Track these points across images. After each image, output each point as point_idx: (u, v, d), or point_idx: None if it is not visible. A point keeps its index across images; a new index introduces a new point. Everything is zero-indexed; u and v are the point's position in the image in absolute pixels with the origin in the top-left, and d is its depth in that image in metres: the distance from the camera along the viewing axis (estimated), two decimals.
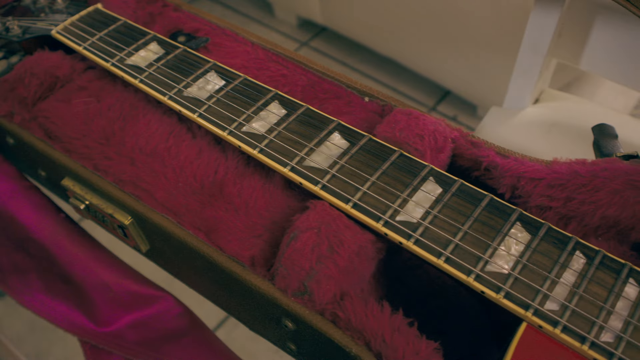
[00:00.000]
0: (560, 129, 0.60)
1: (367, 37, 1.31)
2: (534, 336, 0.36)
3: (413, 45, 1.21)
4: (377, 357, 0.37)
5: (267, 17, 1.53)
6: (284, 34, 1.43)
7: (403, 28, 1.19)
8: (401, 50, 1.25)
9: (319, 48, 1.39)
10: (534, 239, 0.39)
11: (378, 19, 1.26)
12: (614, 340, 0.35)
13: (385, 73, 1.38)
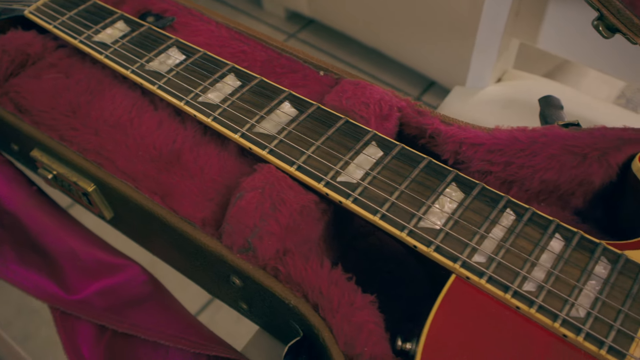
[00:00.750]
0: (518, 105, 0.62)
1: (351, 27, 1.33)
2: (461, 287, 0.38)
3: (392, 32, 1.24)
4: (314, 308, 0.39)
5: (255, 9, 1.55)
6: (272, 26, 1.45)
7: (382, 16, 1.22)
8: (381, 39, 1.28)
9: (306, 40, 1.42)
10: (466, 197, 0.41)
11: (362, 9, 1.28)
12: (536, 290, 0.37)
13: (371, 64, 1.40)
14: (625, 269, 0.38)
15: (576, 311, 0.36)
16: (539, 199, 0.48)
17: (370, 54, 1.35)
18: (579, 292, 0.37)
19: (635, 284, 0.37)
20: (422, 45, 1.18)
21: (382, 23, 1.25)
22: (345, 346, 0.37)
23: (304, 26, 1.43)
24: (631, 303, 0.36)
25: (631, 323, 0.35)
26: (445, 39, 1.15)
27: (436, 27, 1.15)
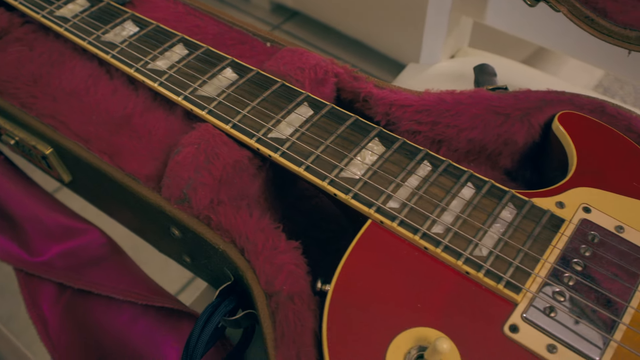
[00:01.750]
0: (467, 79, 0.64)
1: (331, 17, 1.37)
2: (375, 231, 0.40)
3: (359, 16, 1.27)
4: (241, 252, 0.42)
5: (241, 2, 1.58)
6: (257, 17, 1.48)
7: (351, 1, 1.25)
8: (351, 23, 1.31)
9: (290, 31, 1.45)
10: (387, 150, 0.43)
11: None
12: (444, 232, 0.39)
13: (353, 54, 1.43)
14: (530, 213, 0.40)
15: (479, 250, 0.38)
16: (468, 159, 0.50)
17: (350, 45, 1.38)
18: (484, 233, 0.39)
19: (537, 227, 0.39)
20: (383, 26, 1.21)
21: (351, 8, 1.28)
22: (265, 285, 0.40)
23: (288, 18, 1.47)
24: (531, 243, 0.39)
25: (530, 261, 0.38)
26: (402, 18, 1.19)
27: (393, 7, 1.18)
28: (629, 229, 0.40)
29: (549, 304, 0.36)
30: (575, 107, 0.48)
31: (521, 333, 0.36)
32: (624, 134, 0.46)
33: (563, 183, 0.43)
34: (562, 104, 0.48)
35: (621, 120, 0.47)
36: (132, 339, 0.52)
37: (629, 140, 0.46)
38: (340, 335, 0.36)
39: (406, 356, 0.35)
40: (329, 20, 1.38)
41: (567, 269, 0.38)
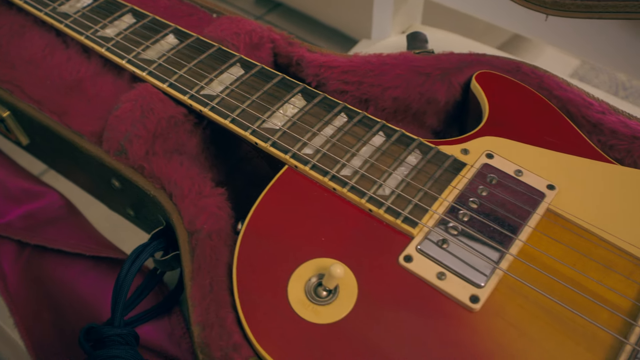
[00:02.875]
0: None
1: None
2: (290, 175, 0.43)
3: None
4: (169, 196, 0.45)
5: None
6: (240, 8, 1.52)
7: None
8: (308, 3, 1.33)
9: (273, 22, 1.48)
10: (308, 104, 0.46)
11: None
12: (351, 174, 0.42)
13: (335, 45, 1.46)
14: (434, 158, 0.43)
15: (382, 190, 0.41)
16: (397, 118, 0.53)
17: (332, 35, 1.41)
18: (389, 175, 0.42)
19: (439, 170, 0.42)
20: (338, 3, 1.23)
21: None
22: (188, 224, 0.43)
23: (270, 9, 1.50)
24: (432, 184, 0.41)
25: (428, 199, 0.41)
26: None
27: None
28: (528, 172, 0.43)
29: (442, 237, 0.39)
30: (493, 67, 0.51)
31: (414, 263, 0.38)
32: (536, 91, 0.49)
33: (471, 133, 0.46)
34: (480, 65, 0.51)
35: (534, 79, 0.49)
36: (82, 291, 0.55)
37: (538, 95, 0.49)
38: (249, 265, 0.39)
39: (307, 283, 0.38)
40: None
41: (463, 207, 0.41)
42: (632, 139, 0.46)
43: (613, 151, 0.46)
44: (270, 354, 0.36)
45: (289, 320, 0.37)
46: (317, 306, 0.37)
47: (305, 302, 0.38)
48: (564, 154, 0.44)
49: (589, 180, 0.43)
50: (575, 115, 0.47)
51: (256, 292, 0.38)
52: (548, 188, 0.42)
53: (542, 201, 0.41)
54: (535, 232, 0.40)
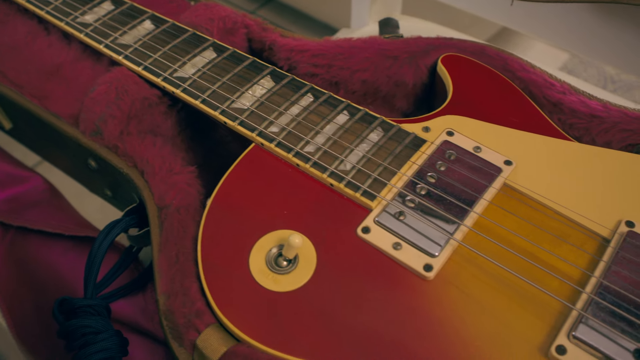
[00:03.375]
0: None
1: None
2: (257, 152, 0.45)
3: None
4: (141, 173, 0.46)
5: None
6: (232, 3, 1.54)
7: None
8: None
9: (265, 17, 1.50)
10: (276, 85, 0.48)
11: None
12: (315, 151, 0.43)
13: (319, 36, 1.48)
14: (396, 135, 0.44)
15: (344, 166, 0.42)
16: (367, 101, 0.55)
17: (323, 30, 1.43)
18: (350, 152, 0.43)
19: (399, 146, 0.43)
20: None
21: None
22: (158, 200, 0.44)
23: (263, 4, 1.52)
24: (392, 159, 0.43)
25: (388, 174, 0.42)
26: None
27: None
28: (486, 149, 0.44)
29: (400, 210, 0.40)
30: (459, 50, 0.52)
31: (372, 234, 0.40)
32: (501, 73, 0.50)
33: (434, 112, 0.47)
34: (447, 48, 0.52)
35: (498, 61, 0.50)
36: (63, 271, 0.57)
37: (502, 77, 0.50)
38: (213, 237, 0.40)
39: (267, 254, 0.39)
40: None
41: (421, 181, 0.42)
42: (590, 118, 0.47)
43: (573, 129, 0.47)
44: (230, 321, 0.37)
45: (249, 289, 0.38)
46: (277, 275, 0.39)
47: (265, 271, 0.39)
48: (523, 131, 0.46)
49: (546, 157, 0.44)
50: (537, 95, 0.49)
51: (219, 262, 0.40)
52: (505, 164, 0.43)
53: (499, 176, 0.42)
54: (491, 205, 0.41)
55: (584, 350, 0.35)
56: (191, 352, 0.38)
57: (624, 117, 0.47)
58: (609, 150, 0.44)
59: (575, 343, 0.35)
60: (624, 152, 0.44)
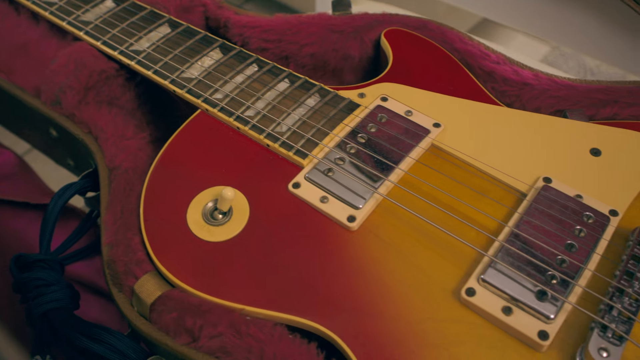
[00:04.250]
0: None
1: None
2: (202, 117, 0.47)
3: None
4: (95, 139, 0.49)
5: None
6: None
7: None
8: None
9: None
10: (224, 57, 0.50)
11: None
12: (254, 115, 0.46)
13: None
14: (332, 101, 0.47)
15: (280, 128, 0.45)
16: (317, 75, 0.57)
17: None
18: (287, 115, 0.46)
19: (334, 110, 0.46)
20: None
21: None
22: (109, 162, 0.47)
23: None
24: (325, 122, 0.45)
25: (321, 135, 0.44)
26: None
27: None
28: (417, 113, 0.46)
29: (329, 167, 0.43)
30: (402, 25, 0.54)
31: (302, 189, 0.42)
32: (440, 45, 0.53)
33: (371, 81, 0.49)
34: (391, 23, 0.55)
35: (438, 34, 0.53)
36: (30, 239, 0.60)
37: (440, 49, 0.52)
38: (155, 194, 0.43)
39: (204, 207, 0.42)
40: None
41: (352, 141, 0.44)
42: (521, 85, 0.49)
43: (505, 97, 0.50)
44: (166, 268, 0.40)
45: (185, 240, 0.41)
46: (211, 227, 0.41)
47: (201, 223, 0.41)
48: (455, 97, 0.48)
49: (474, 120, 0.46)
50: (473, 65, 0.51)
51: (159, 216, 0.42)
52: (434, 126, 0.45)
53: (426, 137, 0.45)
54: (418, 163, 0.44)
55: (491, 292, 0.37)
56: (130, 297, 0.41)
57: (553, 85, 0.49)
58: (534, 114, 0.47)
59: (484, 285, 0.37)
60: (549, 116, 0.47)
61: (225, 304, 0.38)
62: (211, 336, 0.37)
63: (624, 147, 0.45)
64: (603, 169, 0.43)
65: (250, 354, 0.36)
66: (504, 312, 0.36)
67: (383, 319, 0.37)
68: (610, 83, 0.49)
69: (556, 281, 0.37)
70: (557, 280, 0.37)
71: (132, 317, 0.39)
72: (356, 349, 0.36)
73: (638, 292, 0.36)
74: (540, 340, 0.35)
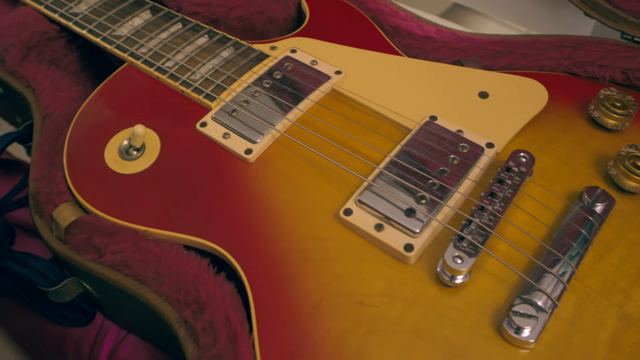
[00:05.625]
0: None
1: None
2: (128, 70, 0.52)
3: None
4: (33, 91, 0.54)
5: None
6: None
7: None
8: None
9: None
10: (152, 16, 0.55)
11: None
12: (173, 66, 0.50)
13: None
14: (244, 52, 0.51)
15: (194, 76, 0.49)
16: (246, 38, 0.61)
17: None
18: (202, 65, 0.50)
19: (244, 60, 0.50)
20: None
21: None
22: (44, 110, 0.51)
23: None
24: (236, 70, 0.49)
25: (230, 81, 0.48)
26: None
27: None
28: (322, 62, 0.50)
29: (234, 108, 0.47)
30: None
31: (208, 127, 0.46)
32: (355, 5, 0.56)
33: (285, 36, 0.53)
34: None
35: None
36: None
37: (354, 8, 0.56)
38: (79, 134, 0.47)
39: (120, 145, 0.46)
40: None
41: (257, 86, 0.48)
42: (424, 39, 0.53)
43: (410, 49, 0.53)
44: (82, 197, 0.44)
45: (102, 173, 0.45)
46: (126, 161, 0.45)
47: (117, 159, 0.46)
48: (361, 49, 0.52)
49: (374, 68, 0.50)
50: (382, 22, 0.55)
51: (80, 153, 0.47)
52: (336, 73, 0.49)
53: (327, 82, 0.48)
54: (317, 105, 0.48)
55: (366, 212, 0.41)
56: (50, 223, 0.45)
57: (454, 38, 0.52)
58: (431, 62, 0.50)
59: (360, 206, 0.41)
60: (444, 64, 0.50)
61: (131, 226, 0.42)
62: (114, 252, 0.41)
63: (510, 90, 0.48)
64: (488, 110, 0.47)
65: (148, 266, 0.40)
66: (376, 228, 0.40)
67: (271, 238, 0.41)
68: (507, 36, 0.53)
69: (425, 201, 0.40)
70: (426, 200, 0.40)
71: (50, 239, 0.44)
72: (243, 263, 0.40)
73: (497, 209, 0.40)
74: (406, 252, 0.39)
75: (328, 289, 0.39)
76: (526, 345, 0.36)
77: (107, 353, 0.49)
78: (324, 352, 0.36)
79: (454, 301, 0.38)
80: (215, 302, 0.38)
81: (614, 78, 0.52)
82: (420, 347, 0.36)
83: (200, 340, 0.37)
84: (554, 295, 0.37)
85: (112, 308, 0.49)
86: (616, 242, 0.41)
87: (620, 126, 0.47)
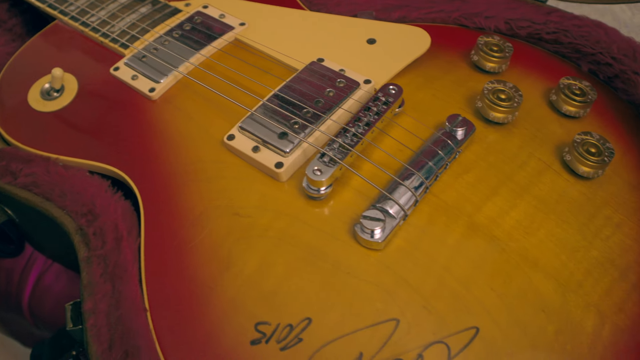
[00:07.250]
0: None
1: None
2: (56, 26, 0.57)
3: None
4: None
5: None
6: None
7: None
8: None
9: None
10: None
11: None
12: (95, 20, 0.55)
13: None
14: (161, 8, 0.56)
15: (113, 28, 0.55)
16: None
17: None
18: (121, 19, 0.55)
19: (159, 14, 0.55)
20: None
21: None
22: None
23: None
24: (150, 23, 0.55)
25: (143, 32, 0.54)
26: None
27: None
28: (229, 15, 0.56)
29: (144, 54, 0.52)
30: None
31: (119, 71, 0.52)
32: None
33: None
34: None
35: None
36: None
37: None
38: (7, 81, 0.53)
39: (42, 88, 0.51)
40: None
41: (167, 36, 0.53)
42: None
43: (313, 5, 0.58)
44: (5, 131, 0.50)
45: (24, 112, 0.51)
46: (46, 101, 0.51)
47: (38, 99, 0.51)
48: (267, 5, 0.57)
49: (276, 21, 0.55)
50: None
51: (7, 96, 0.52)
52: (240, 25, 0.54)
53: (230, 31, 0.54)
54: (220, 52, 0.53)
55: (246, 136, 0.45)
56: None
57: None
58: (328, 14, 0.55)
59: (242, 132, 0.46)
60: (339, 15, 0.55)
61: (44, 154, 0.48)
62: (27, 175, 0.47)
63: (396, 37, 0.53)
64: (373, 54, 0.52)
65: (55, 186, 0.46)
66: (253, 150, 0.45)
67: (164, 163, 0.46)
68: None
69: (298, 126, 0.45)
70: (298, 125, 0.45)
71: None
72: (139, 183, 0.45)
73: (360, 132, 0.44)
74: (276, 169, 0.43)
75: (210, 203, 0.44)
76: (375, 246, 0.40)
77: (34, 279, 0.54)
78: (200, 253, 0.41)
79: (318, 212, 0.43)
80: (107, 213, 0.44)
81: (499, 28, 0.56)
82: (283, 249, 0.41)
83: (91, 243, 0.42)
84: (406, 206, 0.41)
85: (34, 235, 0.54)
86: (475, 165, 0.45)
87: (497, 68, 0.51)
